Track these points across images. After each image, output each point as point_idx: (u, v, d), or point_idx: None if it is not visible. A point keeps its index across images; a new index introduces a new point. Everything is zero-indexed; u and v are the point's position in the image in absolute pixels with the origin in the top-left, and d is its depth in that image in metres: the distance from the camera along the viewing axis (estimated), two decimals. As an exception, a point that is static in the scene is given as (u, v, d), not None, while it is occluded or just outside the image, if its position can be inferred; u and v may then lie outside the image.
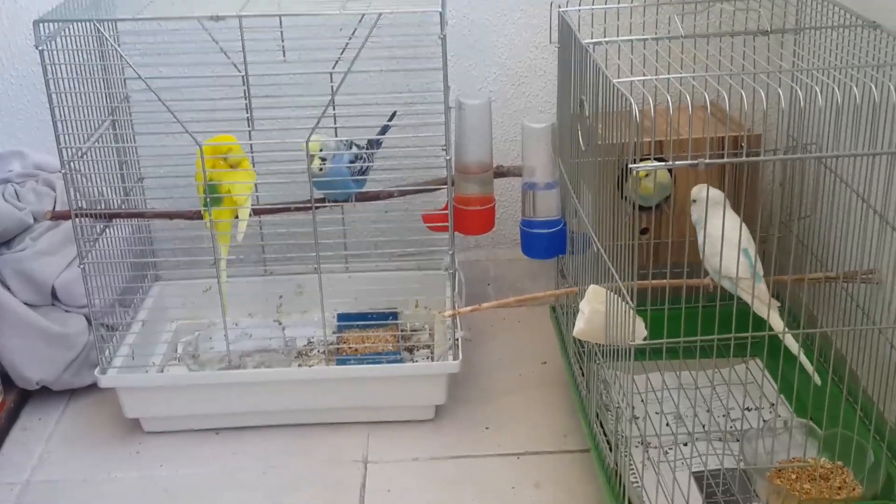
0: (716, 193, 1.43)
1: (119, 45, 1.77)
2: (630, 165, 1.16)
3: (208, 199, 1.59)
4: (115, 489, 1.61)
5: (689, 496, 1.37)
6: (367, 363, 1.74)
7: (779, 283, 1.58)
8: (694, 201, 1.47)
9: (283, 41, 1.73)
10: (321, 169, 1.61)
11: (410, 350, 1.87)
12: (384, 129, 1.74)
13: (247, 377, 1.71)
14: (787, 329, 1.40)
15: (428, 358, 1.84)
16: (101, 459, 1.68)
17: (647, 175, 1.57)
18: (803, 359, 1.39)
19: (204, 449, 1.70)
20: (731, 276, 1.41)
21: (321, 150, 1.60)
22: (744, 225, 1.37)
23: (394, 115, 1.75)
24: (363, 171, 1.68)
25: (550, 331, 1.88)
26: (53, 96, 1.55)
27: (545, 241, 1.68)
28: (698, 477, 1.47)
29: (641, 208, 1.73)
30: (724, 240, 1.27)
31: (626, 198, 1.48)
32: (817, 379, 1.41)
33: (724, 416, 1.61)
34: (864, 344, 1.44)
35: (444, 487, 1.59)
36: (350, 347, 1.82)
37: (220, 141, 1.60)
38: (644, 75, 1.25)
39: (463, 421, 1.74)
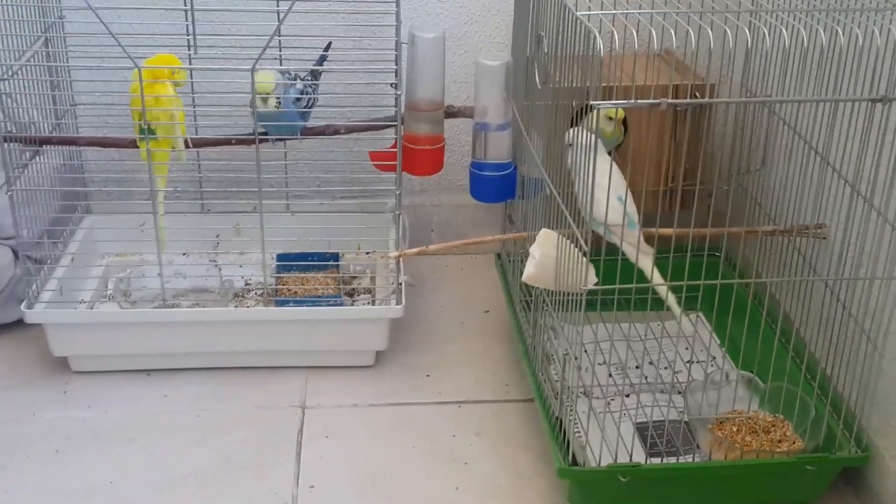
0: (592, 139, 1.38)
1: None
2: (592, 103, 1.13)
3: (145, 128, 1.51)
4: (41, 430, 1.55)
5: (633, 446, 1.36)
6: (307, 306, 1.69)
7: (732, 236, 1.57)
8: (570, 145, 1.37)
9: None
10: (277, 106, 1.54)
11: (351, 294, 1.83)
12: (321, 60, 1.67)
13: (181, 316, 1.65)
14: (663, 280, 1.40)
15: (369, 303, 1.80)
16: (26, 398, 1.62)
17: (617, 115, 1.53)
18: (672, 303, 1.40)
19: (134, 390, 1.64)
20: (604, 221, 1.38)
21: (275, 88, 1.52)
22: (619, 172, 1.34)
23: (329, 45, 1.69)
24: (309, 105, 1.62)
25: (494, 279, 1.85)
26: (-18, 7, 1.47)
27: (495, 184, 1.64)
28: (641, 428, 1.46)
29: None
30: (597, 186, 1.24)
31: (577, 143, 1.44)
32: (686, 326, 1.43)
33: (667, 368, 1.60)
34: (809, 299, 1.43)
35: (383, 434, 1.56)
36: (289, 290, 1.78)
37: (161, 62, 1.52)
38: (603, 9, 1.21)
39: (404, 368, 1.71)
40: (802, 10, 1.24)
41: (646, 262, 1.38)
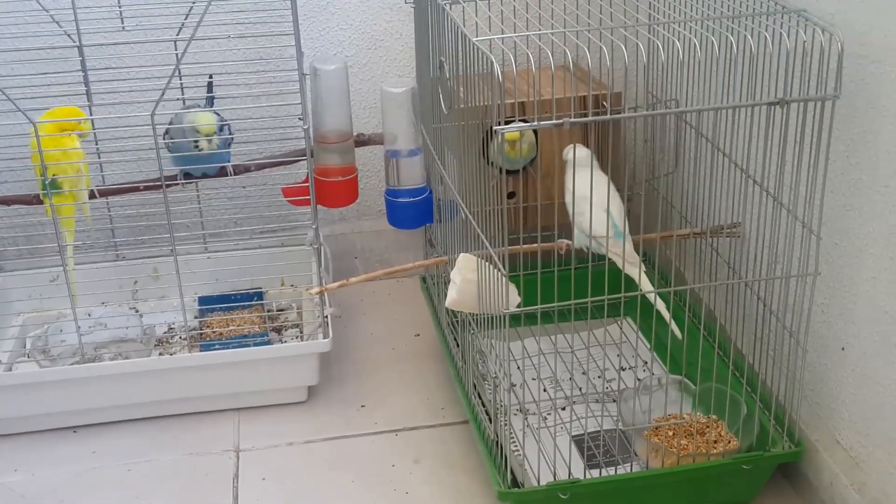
0: (583, 153, 1.40)
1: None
2: (495, 128, 1.12)
3: (46, 182, 1.47)
4: (-36, 500, 1.50)
5: (571, 460, 1.36)
6: (233, 347, 1.66)
7: (647, 242, 1.58)
8: (566, 161, 1.43)
9: (120, 7, 1.62)
10: (217, 145, 1.52)
11: (278, 330, 1.80)
12: (210, 101, 1.65)
13: (103, 370, 1.61)
14: (651, 286, 1.39)
15: (297, 338, 1.77)
16: (-53, 468, 1.56)
17: (519, 137, 1.54)
18: (662, 308, 1.39)
19: (61, 449, 1.60)
20: (592, 233, 1.38)
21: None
22: (611, 184, 1.35)
23: (211, 83, 1.66)
24: (228, 144, 1.60)
25: (421, 302, 1.84)
26: None
27: (411, 210, 1.63)
28: (578, 440, 1.46)
29: (507, 172, 1.70)
30: (582, 198, 1.24)
31: (491, 163, 1.44)
32: (677, 332, 1.41)
33: (599, 377, 1.61)
34: (731, 298, 1.44)
35: (322, 471, 1.53)
36: (214, 332, 1.74)
37: (62, 115, 1.48)
38: (503, 33, 1.21)
39: (337, 401, 1.69)
40: (696, 20, 1.25)
41: (633, 270, 1.38)
